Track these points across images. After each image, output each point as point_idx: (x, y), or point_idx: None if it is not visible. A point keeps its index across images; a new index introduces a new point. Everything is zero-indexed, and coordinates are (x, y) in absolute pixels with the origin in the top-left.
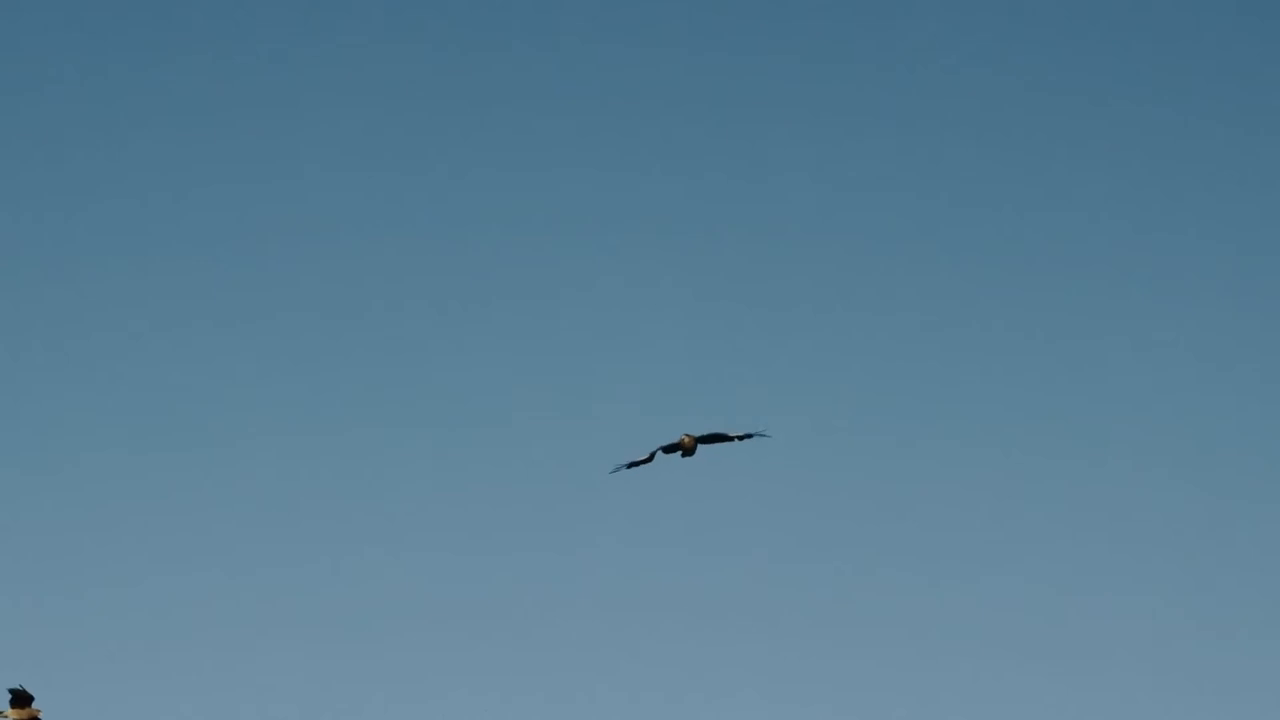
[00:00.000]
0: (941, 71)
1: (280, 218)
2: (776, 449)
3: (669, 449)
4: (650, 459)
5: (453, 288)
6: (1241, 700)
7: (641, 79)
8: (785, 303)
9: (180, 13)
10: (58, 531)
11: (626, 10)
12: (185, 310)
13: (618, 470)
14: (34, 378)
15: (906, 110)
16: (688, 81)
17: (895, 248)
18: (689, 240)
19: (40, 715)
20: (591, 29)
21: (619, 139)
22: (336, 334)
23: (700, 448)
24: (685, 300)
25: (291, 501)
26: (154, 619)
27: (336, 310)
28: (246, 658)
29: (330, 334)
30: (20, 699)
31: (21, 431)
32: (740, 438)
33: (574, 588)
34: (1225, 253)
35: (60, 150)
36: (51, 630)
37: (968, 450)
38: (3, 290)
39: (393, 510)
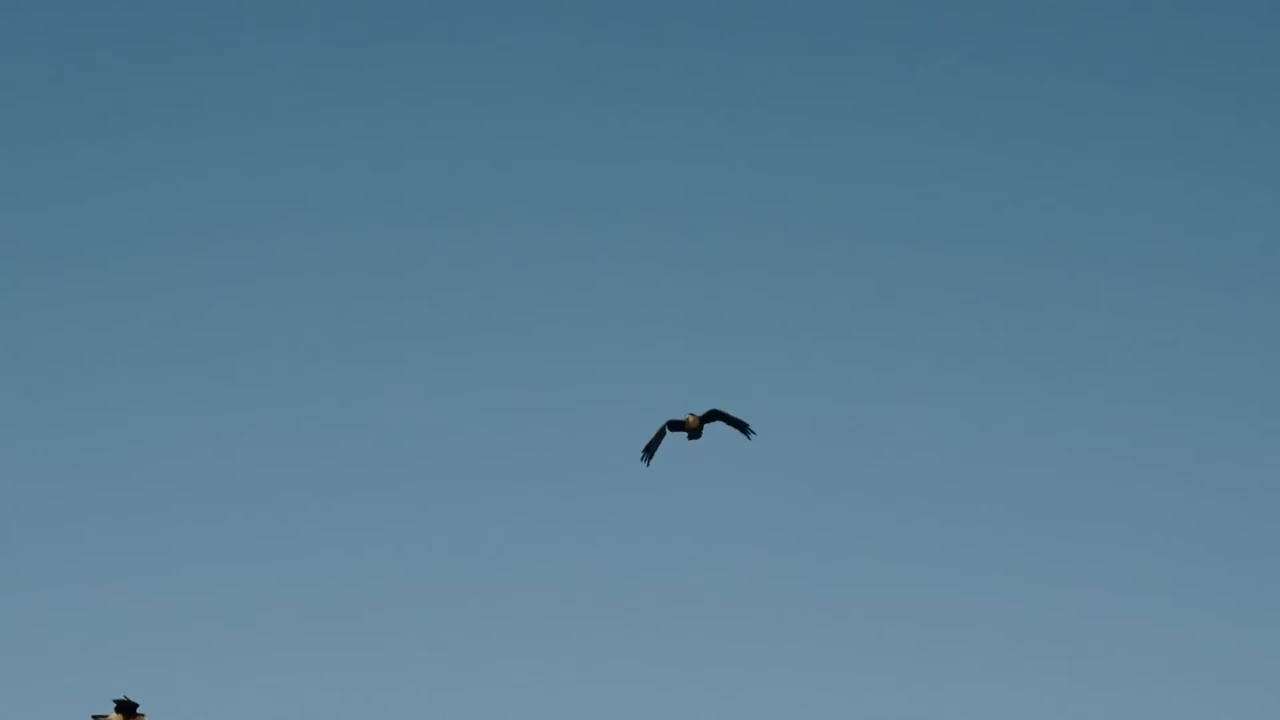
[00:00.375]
0: (941, 71)
1: (277, 213)
2: (776, 446)
3: (674, 425)
4: (662, 434)
5: (451, 284)
6: (1242, 698)
7: (641, 76)
8: (785, 301)
9: (172, 8)
10: (48, 530)
11: (627, 7)
12: (183, 305)
13: (650, 461)
14: (31, 374)
15: (908, 108)
16: (689, 79)
17: (897, 246)
18: (689, 238)
19: None
20: (594, 25)
21: (619, 137)
22: (334, 329)
23: (704, 428)
24: (685, 299)
25: (288, 499)
26: (151, 617)
27: (334, 305)
28: (245, 657)
29: (327, 329)
30: (126, 708)
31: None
32: (733, 420)
33: (574, 586)
34: (1226, 249)
35: (60, 148)
36: (47, 630)
37: (967, 448)
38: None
39: (391, 508)
